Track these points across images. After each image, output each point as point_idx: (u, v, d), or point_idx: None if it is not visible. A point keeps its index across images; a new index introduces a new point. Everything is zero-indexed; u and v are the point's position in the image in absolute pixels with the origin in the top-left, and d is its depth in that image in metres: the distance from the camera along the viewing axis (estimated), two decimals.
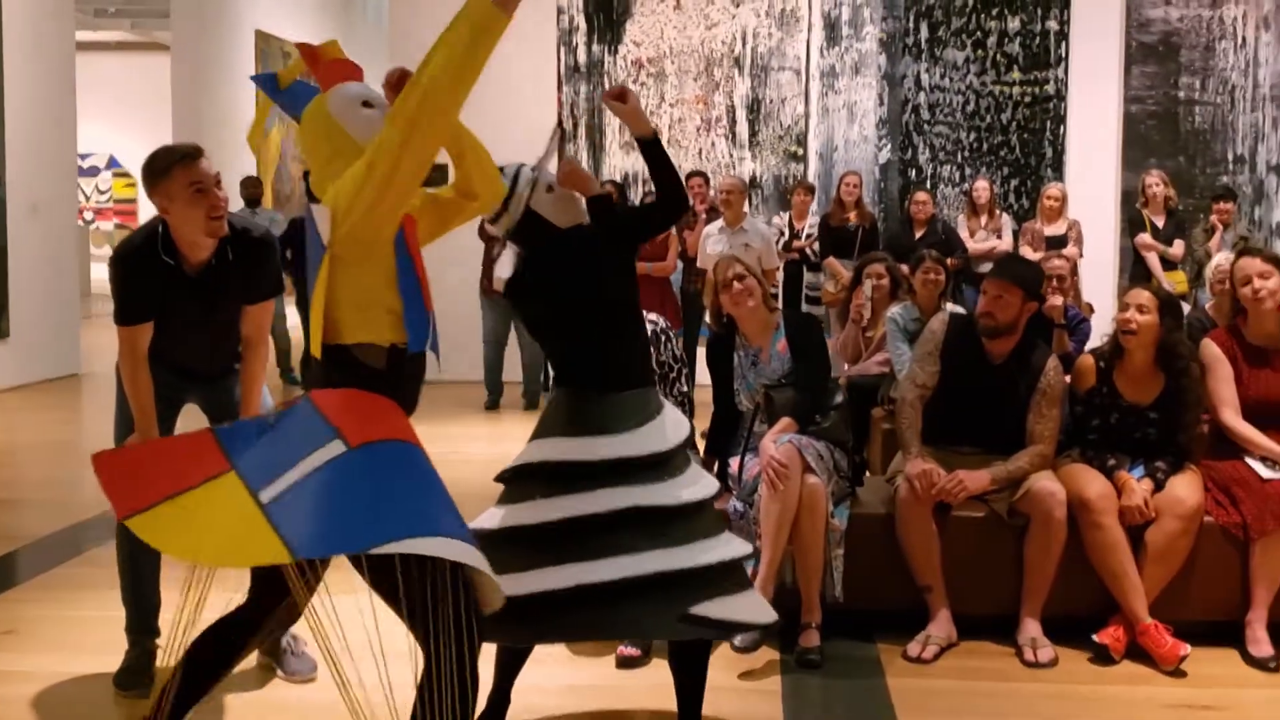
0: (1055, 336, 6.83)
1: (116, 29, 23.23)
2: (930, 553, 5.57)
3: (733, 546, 4.28)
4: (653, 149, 4.33)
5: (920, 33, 13.21)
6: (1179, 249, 11.53)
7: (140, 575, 4.99)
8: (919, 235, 11.60)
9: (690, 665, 4.43)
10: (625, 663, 5.25)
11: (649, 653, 5.29)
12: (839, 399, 5.75)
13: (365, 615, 3.60)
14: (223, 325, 4.89)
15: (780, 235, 11.98)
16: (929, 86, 13.26)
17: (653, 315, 5.38)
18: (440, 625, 3.41)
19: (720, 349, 5.84)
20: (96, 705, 4.94)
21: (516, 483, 4.28)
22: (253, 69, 16.83)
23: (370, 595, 3.53)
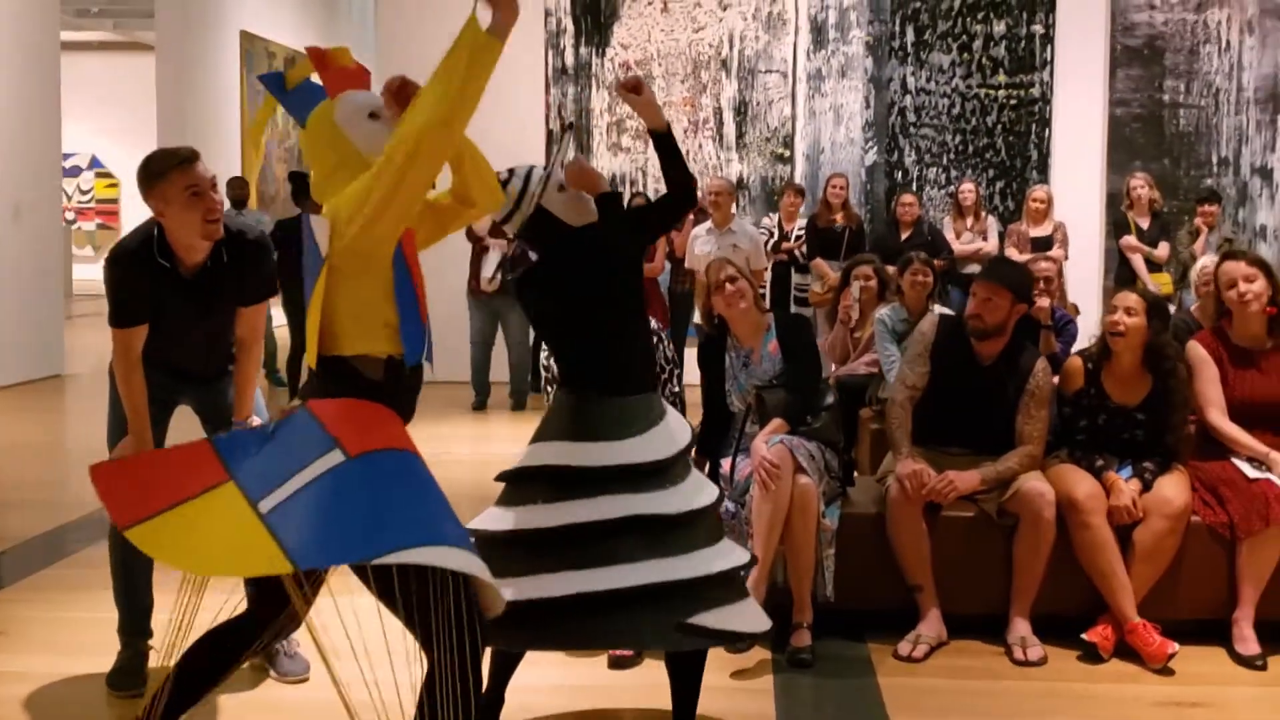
0: (1042, 338, 6.85)
1: (99, 29, 23.16)
2: (920, 552, 5.59)
3: (731, 556, 4.30)
4: (665, 141, 4.34)
5: (906, 36, 13.23)
6: (1164, 251, 11.60)
7: (133, 576, 4.99)
8: (905, 237, 11.65)
9: (686, 668, 4.45)
10: (617, 663, 5.26)
11: (641, 653, 5.29)
12: (830, 399, 5.76)
13: (359, 615, 3.63)
14: (217, 327, 4.90)
15: (770, 236, 12.03)
16: (915, 89, 13.28)
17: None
18: (441, 629, 3.42)
19: (712, 350, 5.84)
20: (89, 706, 4.94)
21: (518, 484, 4.28)
22: (237, 69, 16.81)
23: (363, 595, 3.55)
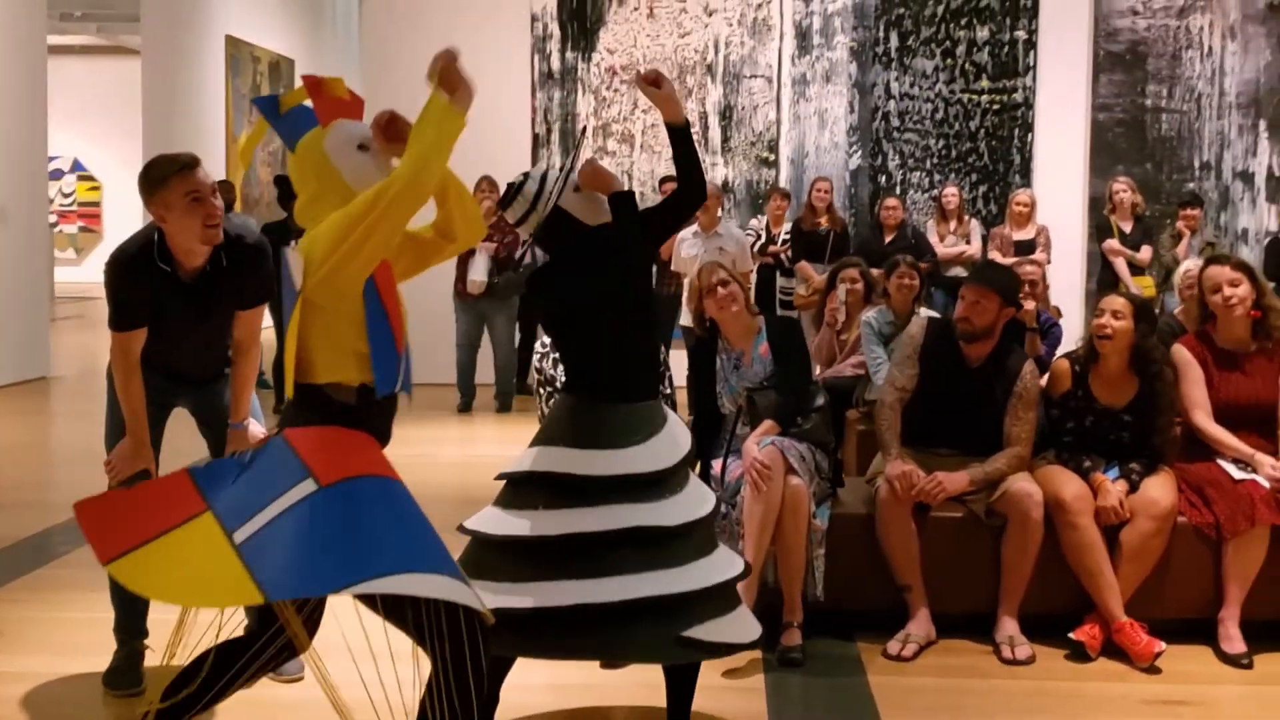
0: (1027, 340, 6.89)
1: (82, 33, 23.09)
2: (910, 553, 5.62)
3: (726, 567, 4.34)
4: (681, 136, 4.36)
5: (890, 42, 13.25)
6: (1146, 254, 11.66)
7: None
8: (889, 240, 11.71)
9: (682, 670, 4.49)
10: (610, 663, 5.29)
11: None
12: (820, 401, 5.79)
13: (349, 614, 3.67)
14: (215, 330, 4.93)
15: (757, 239, 12.07)
16: (899, 94, 13.30)
17: None
18: (439, 634, 3.48)
19: (703, 353, 5.87)
20: (86, 706, 4.97)
21: (518, 486, 4.30)
22: (223, 73, 16.80)
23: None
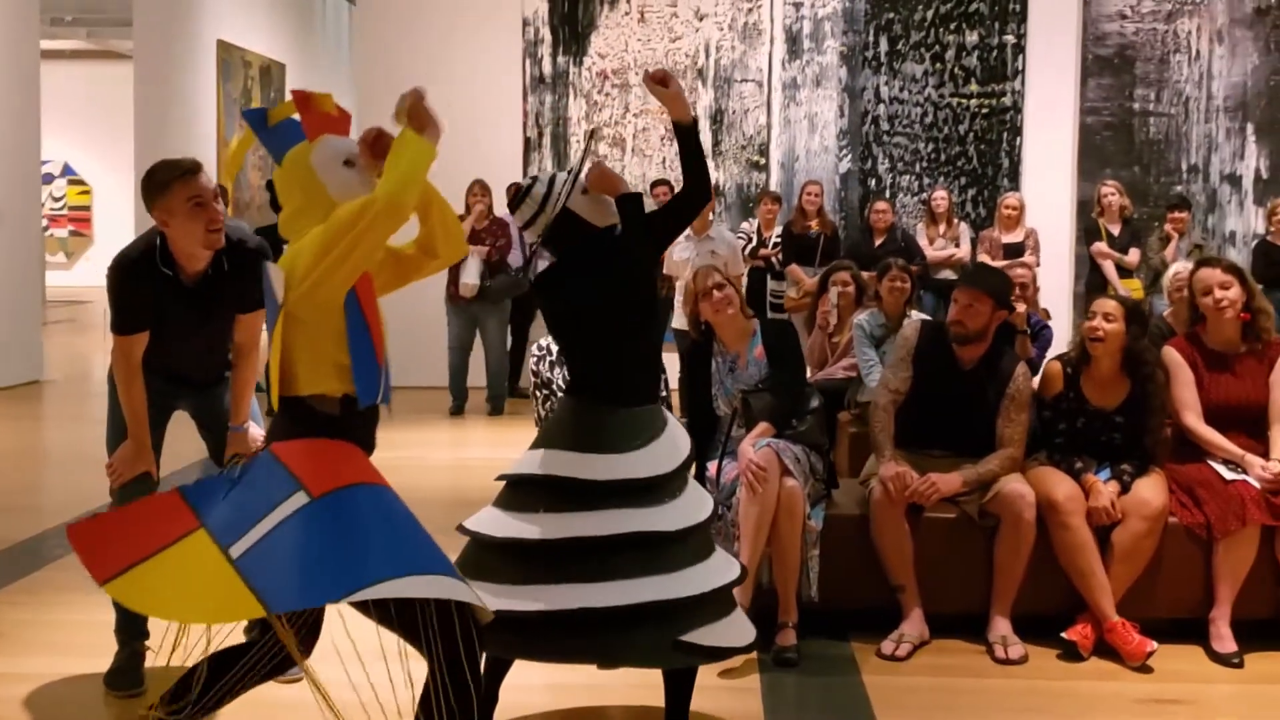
0: (1018, 342, 6.94)
1: (73, 38, 23.06)
2: (903, 553, 5.65)
3: (724, 572, 4.37)
4: (688, 135, 4.37)
5: (880, 46, 13.31)
6: (1134, 257, 11.71)
7: None
8: (879, 243, 11.77)
9: (681, 672, 4.52)
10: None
11: None
12: (815, 403, 5.82)
13: (344, 616, 3.71)
14: (216, 334, 4.97)
15: (748, 241, 12.11)
16: (888, 99, 13.36)
17: None
18: (434, 641, 3.51)
19: (698, 356, 5.89)
20: (88, 706, 4.99)
21: (519, 488, 4.33)
22: (214, 78, 16.80)
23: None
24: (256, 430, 5.05)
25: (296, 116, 3.98)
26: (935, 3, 13.29)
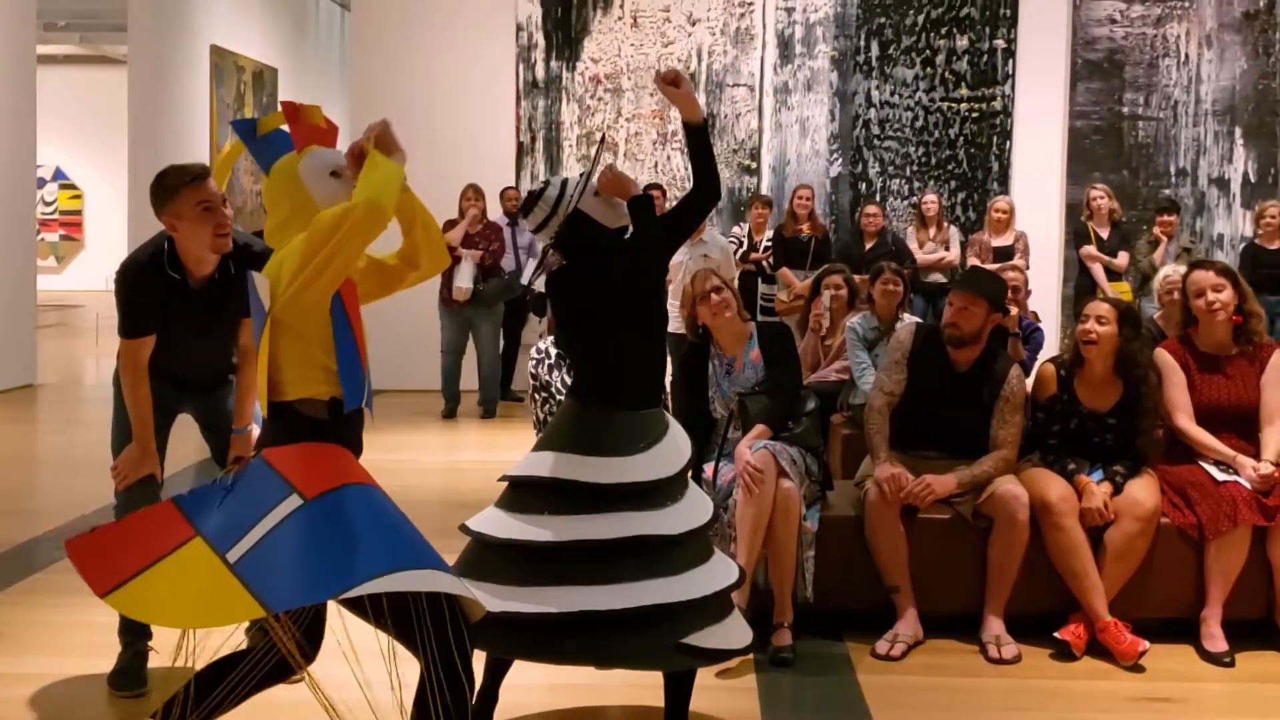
0: (1010, 345, 6.98)
1: (65, 43, 23.05)
2: (898, 554, 5.69)
3: (723, 575, 4.40)
4: (698, 136, 4.42)
5: (871, 51, 13.36)
6: (1123, 260, 11.75)
7: None
8: (869, 247, 11.81)
9: (681, 673, 4.55)
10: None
11: None
12: (811, 406, 5.86)
13: (343, 616, 3.75)
14: (221, 337, 5.02)
15: (739, 246, 12.15)
16: (879, 103, 13.40)
17: None
18: (427, 639, 3.55)
19: (695, 358, 5.93)
20: (91, 706, 5.00)
21: (522, 490, 4.36)
22: (207, 83, 16.81)
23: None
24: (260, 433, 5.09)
25: (284, 127, 4.04)
26: (926, 7, 13.34)
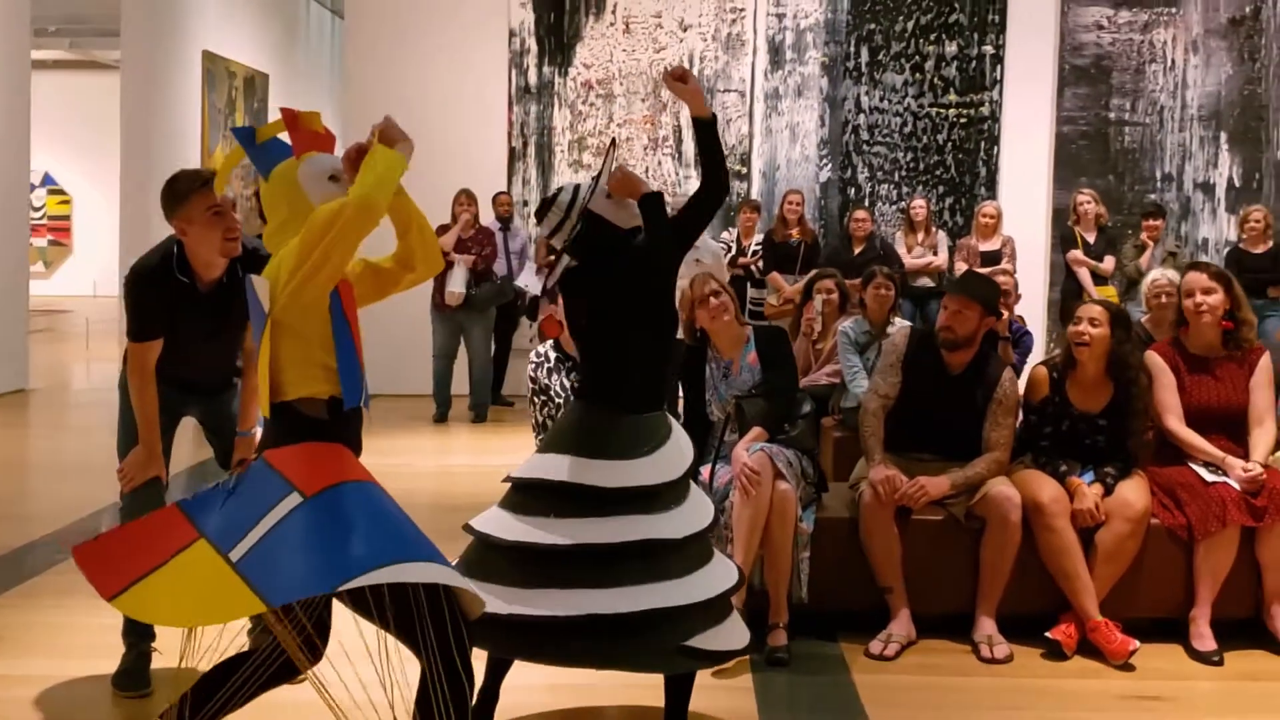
0: (1000, 348, 7.04)
1: (56, 48, 23.01)
2: (892, 555, 5.73)
3: (724, 577, 4.45)
4: (707, 132, 4.44)
5: (861, 57, 13.39)
6: (1109, 264, 11.79)
7: None
8: (858, 251, 11.88)
9: (682, 675, 4.60)
10: None
11: None
12: (807, 408, 5.90)
13: (344, 616, 3.81)
14: (227, 341, 5.07)
15: (727, 250, 12.19)
16: (868, 108, 13.43)
17: None
18: (427, 635, 3.59)
19: (692, 361, 5.97)
20: (95, 707, 5.03)
21: (527, 491, 4.39)
22: (199, 88, 16.83)
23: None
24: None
25: (282, 135, 4.11)
26: (916, 14, 13.37)
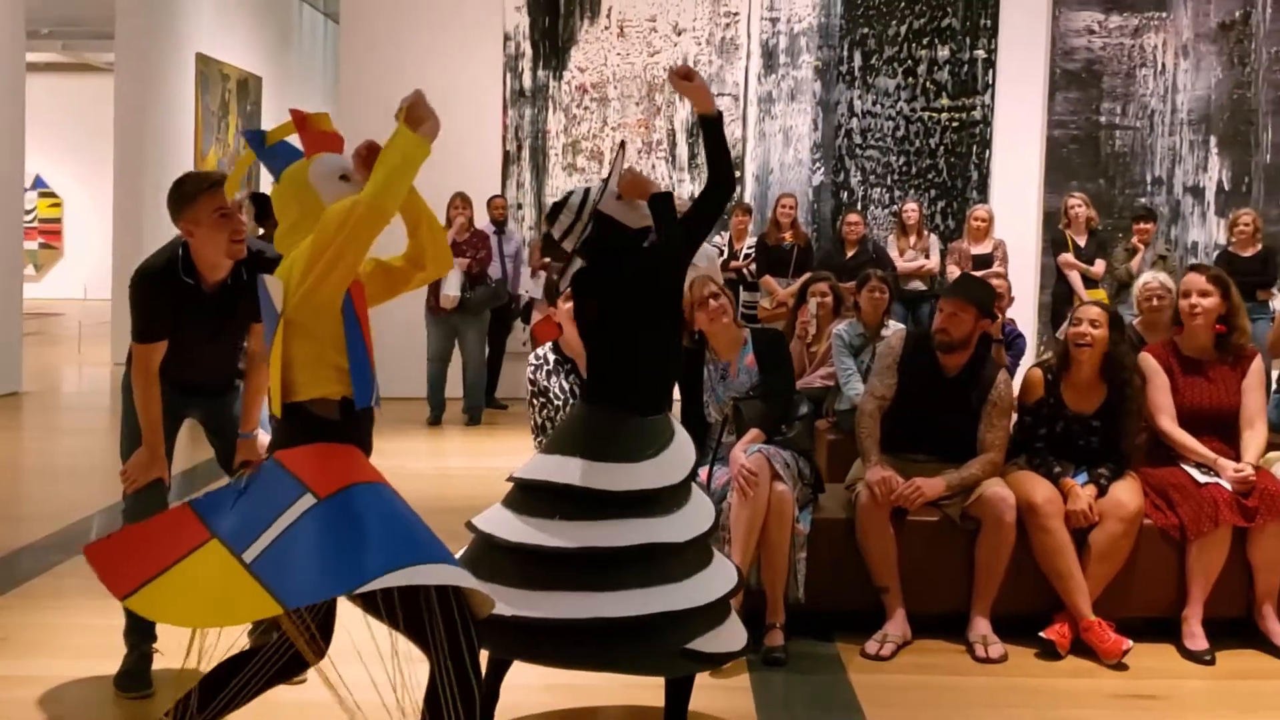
0: (993, 351, 7.08)
1: (48, 50, 23.00)
2: (887, 555, 5.77)
3: (724, 581, 4.47)
4: (713, 128, 4.46)
5: (854, 61, 13.46)
6: (1100, 268, 11.84)
7: None
8: (850, 255, 11.90)
9: (682, 676, 4.63)
10: None
11: None
12: (804, 410, 5.92)
13: (353, 618, 3.85)
14: (231, 343, 5.11)
15: (720, 254, 12.21)
16: (861, 112, 13.49)
17: None
18: (437, 635, 3.62)
19: (690, 364, 5.95)
20: (97, 707, 5.05)
21: (532, 492, 4.40)
22: (193, 91, 16.86)
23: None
24: (265, 437, 5.15)
25: (290, 139, 4.14)
26: (908, 18, 13.44)
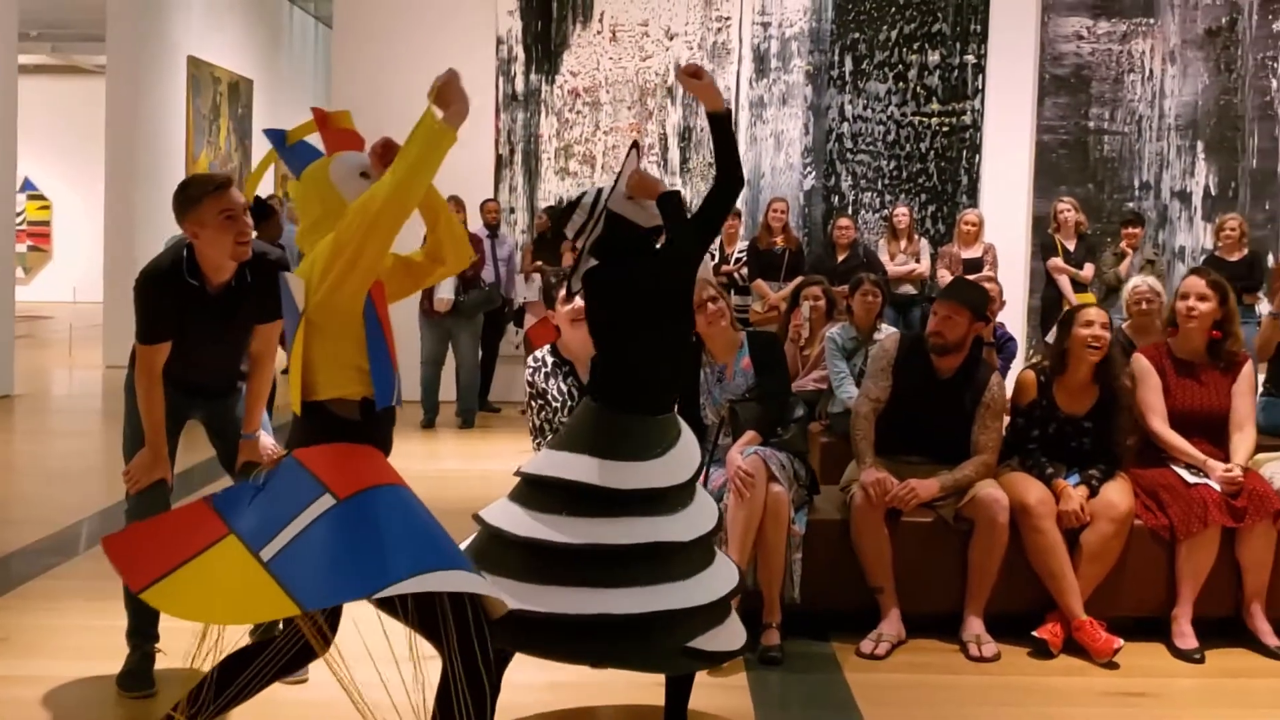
0: (985, 354, 7.13)
1: (37, 53, 22.98)
2: (882, 556, 5.82)
3: (725, 581, 4.52)
4: (721, 125, 4.48)
5: (845, 66, 13.48)
6: (1089, 272, 11.92)
7: None
8: (841, 259, 11.98)
9: (683, 675, 4.70)
10: None
11: None
12: (799, 412, 5.96)
13: (361, 617, 3.89)
14: (234, 344, 5.14)
15: (711, 258, 12.27)
16: (852, 117, 13.52)
17: None
18: (450, 634, 3.66)
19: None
20: (99, 707, 5.07)
21: (539, 487, 4.42)
22: (184, 94, 16.88)
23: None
24: (267, 438, 5.21)
25: (309, 138, 4.19)
26: (899, 23, 13.47)
